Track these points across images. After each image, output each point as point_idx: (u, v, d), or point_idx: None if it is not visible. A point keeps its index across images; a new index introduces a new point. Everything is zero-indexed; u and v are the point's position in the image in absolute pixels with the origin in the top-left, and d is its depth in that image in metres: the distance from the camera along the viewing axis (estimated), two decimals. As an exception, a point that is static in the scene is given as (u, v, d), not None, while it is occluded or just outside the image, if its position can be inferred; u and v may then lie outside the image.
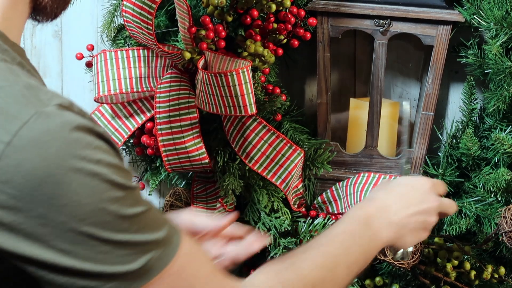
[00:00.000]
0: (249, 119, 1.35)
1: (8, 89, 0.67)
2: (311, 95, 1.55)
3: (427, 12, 1.36)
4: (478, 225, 1.41)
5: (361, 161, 1.45)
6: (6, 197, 0.65)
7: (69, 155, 0.66)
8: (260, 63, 1.31)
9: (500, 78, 1.35)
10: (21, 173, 0.65)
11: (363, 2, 1.37)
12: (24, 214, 0.65)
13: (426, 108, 1.42)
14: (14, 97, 0.67)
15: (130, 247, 0.69)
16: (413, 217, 0.98)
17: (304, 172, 1.43)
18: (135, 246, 0.70)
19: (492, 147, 1.38)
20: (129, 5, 1.23)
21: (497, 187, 1.36)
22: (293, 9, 1.32)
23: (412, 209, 0.98)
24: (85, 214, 0.67)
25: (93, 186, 0.67)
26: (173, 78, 1.34)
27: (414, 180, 1.03)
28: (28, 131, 0.65)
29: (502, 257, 1.43)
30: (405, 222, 0.97)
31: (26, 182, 0.65)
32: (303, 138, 1.41)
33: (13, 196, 0.65)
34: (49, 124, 0.66)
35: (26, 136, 0.65)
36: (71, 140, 0.66)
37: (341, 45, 1.52)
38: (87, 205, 0.67)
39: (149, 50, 1.37)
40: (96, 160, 0.67)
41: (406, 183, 1.02)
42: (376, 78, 1.41)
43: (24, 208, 0.65)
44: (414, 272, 1.40)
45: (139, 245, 0.70)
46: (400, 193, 1.00)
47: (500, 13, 1.32)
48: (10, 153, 0.65)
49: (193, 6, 1.35)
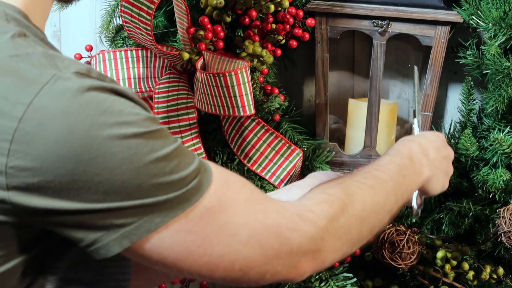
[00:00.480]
0: (247, 120, 1.35)
1: (25, 57, 0.68)
2: (310, 95, 1.55)
3: (426, 12, 1.36)
4: (476, 226, 1.41)
5: (360, 162, 1.45)
6: (31, 158, 0.65)
7: (90, 113, 0.66)
8: (259, 64, 1.31)
9: (498, 79, 1.35)
10: (43, 132, 0.65)
11: (362, 3, 1.37)
12: (51, 172, 0.65)
13: (424, 108, 1.42)
14: (31, 63, 0.68)
15: (166, 185, 0.69)
16: (443, 160, 1.03)
17: (302, 172, 1.43)
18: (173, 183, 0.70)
19: (490, 148, 1.38)
20: (128, 5, 1.23)
21: (495, 187, 1.36)
22: (292, 9, 1.32)
23: (441, 152, 1.03)
24: (115, 164, 0.67)
25: (120, 138, 0.67)
26: (171, 79, 1.34)
27: (433, 132, 1.08)
28: (47, 92, 0.66)
29: (501, 257, 1.43)
30: (438, 164, 1.01)
31: (49, 141, 0.65)
32: (301, 139, 1.41)
33: (38, 156, 0.65)
34: (68, 86, 0.67)
35: (46, 97, 0.66)
36: (90, 99, 0.67)
37: (339, 46, 1.52)
38: (116, 154, 0.67)
39: (148, 50, 1.37)
40: (118, 111, 0.68)
41: (428, 134, 1.06)
42: (375, 78, 1.41)
43: (51, 166, 0.65)
44: (413, 273, 1.40)
45: (176, 181, 0.70)
46: (428, 138, 1.03)
47: (498, 13, 1.32)
48: (30, 114, 0.65)
49: (192, 6, 1.35)
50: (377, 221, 0.87)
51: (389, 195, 0.89)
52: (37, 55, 0.69)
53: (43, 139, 0.65)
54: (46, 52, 0.70)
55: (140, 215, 0.69)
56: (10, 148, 0.65)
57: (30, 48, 0.69)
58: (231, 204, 0.74)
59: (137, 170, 0.68)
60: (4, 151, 0.65)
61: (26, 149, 0.65)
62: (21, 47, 0.69)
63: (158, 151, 0.69)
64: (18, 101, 0.65)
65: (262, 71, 1.35)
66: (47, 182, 0.66)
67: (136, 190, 0.68)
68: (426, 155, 0.99)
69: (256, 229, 0.74)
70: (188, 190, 0.71)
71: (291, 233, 0.75)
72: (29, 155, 0.65)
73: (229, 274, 0.74)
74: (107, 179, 0.67)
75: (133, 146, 0.68)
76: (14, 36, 0.70)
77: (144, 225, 0.69)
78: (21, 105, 0.65)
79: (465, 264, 1.38)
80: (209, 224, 0.72)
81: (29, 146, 0.65)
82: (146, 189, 0.68)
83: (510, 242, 1.32)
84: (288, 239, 0.75)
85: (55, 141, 0.65)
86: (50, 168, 0.65)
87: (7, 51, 0.68)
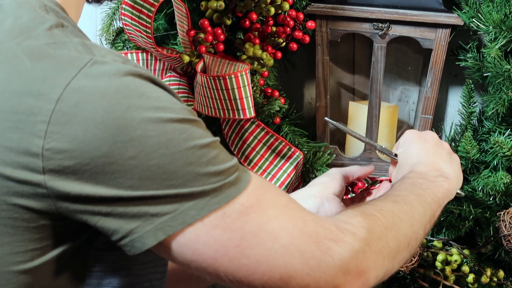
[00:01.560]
0: (247, 122, 1.35)
1: (62, 44, 0.69)
2: (310, 98, 1.55)
3: (426, 15, 1.36)
4: (477, 229, 1.41)
5: (360, 164, 1.45)
6: (68, 140, 0.65)
7: (127, 95, 0.66)
8: (259, 66, 1.31)
9: (499, 82, 1.34)
10: (80, 113, 0.65)
11: (362, 6, 1.37)
12: (87, 154, 0.65)
13: (425, 111, 1.42)
14: (68, 49, 0.68)
15: (203, 176, 0.68)
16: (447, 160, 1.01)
17: (303, 175, 1.43)
18: (209, 175, 0.69)
19: (491, 151, 1.38)
20: (128, 8, 1.23)
21: (496, 190, 1.36)
22: (292, 12, 1.32)
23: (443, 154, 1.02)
24: (151, 147, 0.66)
25: (156, 121, 0.67)
26: (172, 81, 1.34)
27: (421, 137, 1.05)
28: (84, 75, 0.66)
29: (501, 260, 1.43)
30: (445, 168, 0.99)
31: (86, 122, 0.65)
32: (302, 141, 1.41)
33: (74, 137, 0.65)
34: (105, 69, 0.67)
35: (83, 79, 0.66)
36: (127, 83, 0.67)
37: (340, 49, 1.52)
38: (153, 138, 0.66)
39: (148, 53, 1.37)
40: (155, 96, 0.68)
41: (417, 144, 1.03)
42: (375, 81, 1.41)
43: (87, 148, 0.65)
44: (413, 275, 1.40)
45: (213, 173, 0.69)
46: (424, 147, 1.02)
47: (499, 16, 1.32)
48: (68, 95, 0.65)
49: (192, 9, 1.35)
50: (411, 232, 0.85)
51: (414, 206, 0.88)
52: (74, 43, 0.69)
53: (80, 120, 0.65)
54: (83, 41, 0.71)
55: (175, 206, 0.68)
56: (47, 130, 0.65)
57: (67, 38, 0.70)
58: (270, 206, 0.72)
59: (172, 156, 0.67)
60: (41, 133, 0.65)
61: (63, 130, 0.65)
62: (58, 36, 0.70)
63: (196, 140, 0.69)
64: (55, 83, 0.66)
65: (262, 74, 1.35)
66: (83, 165, 0.66)
67: (171, 177, 0.67)
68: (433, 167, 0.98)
69: (296, 236, 0.71)
70: (225, 184, 0.70)
71: (331, 243, 0.72)
72: (66, 136, 0.65)
73: (268, 281, 0.71)
74: (142, 163, 0.66)
75: (169, 130, 0.67)
76: (52, 27, 0.71)
77: (179, 217, 0.68)
78: (59, 87, 0.65)
79: (466, 267, 1.38)
80: (248, 224, 0.70)
81: (66, 127, 0.65)
82: (181, 177, 0.67)
83: (510, 245, 1.32)
84: (329, 249, 0.72)
85: (92, 122, 0.65)
86: (87, 150, 0.65)
87: (45, 39, 0.69)
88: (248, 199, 0.71)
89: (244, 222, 0.70)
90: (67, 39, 0.70)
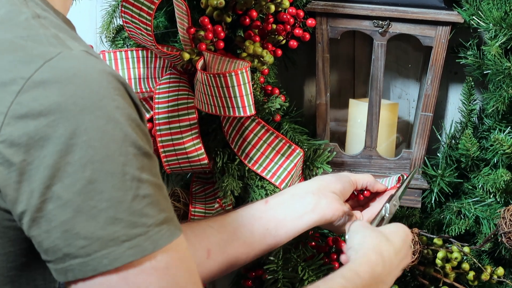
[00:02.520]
0: (247, 120, 1.35)
1: (34, 36, 0.68)
2: (310, 95, 1.55)
3: (426, 13, 1.36)
4: (477, 226, 1.41)
5: (360, 162, 1.45)
6: (19, 134, 0.64)
7: (86, 97, 0.64)
8: (259, 64, 1.31)
9: (499, 79, 1.34)
10: (37, 108, 0.64)
11: (362, 3, 1.37)
12: (34, 151, 0.64)
13: (425, 109, 1.42)
14: (40, 42, 0.67)
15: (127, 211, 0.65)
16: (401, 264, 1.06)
17: (303, 172, 1.43)
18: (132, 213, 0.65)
19: (491, 148, 1.38)
20: (128, 6, 1.23)
21: (496, 188, 1.36)
22: (292, 10, 1.32)
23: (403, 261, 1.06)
24: (87, 159, 0.64)
25: (104, 133, 0.65)
26: (172, 79, 1.34)
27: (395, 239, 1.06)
28: (49, 68, 0.65)
29: (501, 258, 1.43)
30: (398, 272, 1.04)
31: (40, 117, 0.64)
32: (302, 139, 1.41)
33: (25, 132, 0.64)
34: (71, 64, 0.66)
35: (47, 72, 0.65)
36: (91, 81, 0.65)
37: (340, 46, 1.52)
38: (93, 149, 0.64)
39: (148, 51, 1.37)
40: (115, 106, 0.66)
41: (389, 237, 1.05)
42: (375, 78, 1.41)
43: (37, 145, 0.64)
44: (413, 273, 1.40)
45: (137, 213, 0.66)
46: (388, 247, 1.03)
47: (499, 14, 1.32)
48: (28, 88, 0.64)
49: (192, 7, 1.35)
50: None
51: None
52: (47, 35, 0.68)
53: (35, 115, 0.64)
54: (57, 34, 0.69)
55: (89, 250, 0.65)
56: (4, 122, 0.64)
57: (42, 29, 0.69)
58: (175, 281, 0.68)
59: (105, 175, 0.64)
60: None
61: (17, 124, 0.64)
62: (34, 28, 0.69)
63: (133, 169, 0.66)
64: (19, 75, 0.65)
65: (262, 72, 1.35)
66: (28, 163, 0.64)
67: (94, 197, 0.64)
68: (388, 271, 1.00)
69: None
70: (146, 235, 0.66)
71: None
72: (18, 130, 0.64)
73: None
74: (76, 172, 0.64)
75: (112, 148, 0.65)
76: (28, 19, 0.70)
77: (91, 263, 0.65)
78: (21, 79, 0.65)
79: (466, 265, 1.38)
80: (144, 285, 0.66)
81: (20, 121, 0.64)
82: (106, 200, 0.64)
83: (510, 243, 1.32)
84: None
85: (44, 119, 0.64)
86: (33, 147, 0.64)
87: (19, 31, 0.68)
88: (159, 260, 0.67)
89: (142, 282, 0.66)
90: (42, 31, 0.69)
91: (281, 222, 1.11)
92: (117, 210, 0.65)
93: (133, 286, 0.66)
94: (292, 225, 1.10)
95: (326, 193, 1.10)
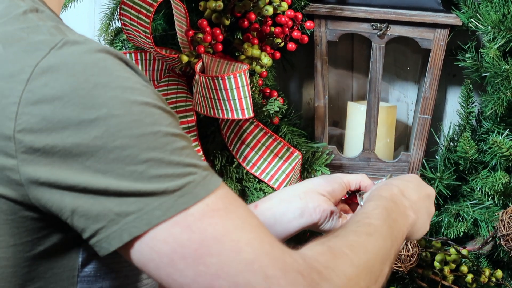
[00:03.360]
0: (246, 122, 1.35)
1: (35, 28, 0.68)
2: (309, 98, 1.55)
3: (425, 15, 1.36)
4: (475, 229, 1.41)
5: (359, 165, 1.45)
6: (37, 120, 0.64)
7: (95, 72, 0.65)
8: (258, 67, 1.31)
9: (497, 82, 1.35)
10: (49, 92, 0.64)
11: (361, 6, 1.38)
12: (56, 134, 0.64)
13: (423, 111, 1.42)
14: (41, 32, 0.68)
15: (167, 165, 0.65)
16: (425, 200, 0.98)
17: (302, 175, 1.43)
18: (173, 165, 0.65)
19: (489, 151, 1.38)
20: (127, 8, 1.23)
21: (494, 190, 1.36)
22: (291, 12, 1.32)
23: (422, 192, 0.99)
24: (115, 127, 0.64)
25: (123, 102, 0.65)
26: (170, 82, 1.34)
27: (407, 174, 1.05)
28: (55, 54, 0.65)
29: (500, 260, 1.43)
30: (420, 205, 0.97)
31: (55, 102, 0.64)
32: (300, 142, 1.41)
33: (43, 117, 0.64)
34: (76, 48, 0.66)
35: (53, 58, 0.65)
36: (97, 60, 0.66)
37: (338, 49, 1.52)
38: (117, 117, 0.64)
39: (147, 53, 1.37)
40: (125, 77, 0.66)
41: (404, 176, 1.02)
42: (374, 81, 1.41)
43: (56, 127, 0.64)
44: (412, 275, 1.40)
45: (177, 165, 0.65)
46: (405, 180, 1.00)
47: (497, 16, 1.33)
48: (36, 76, 0.65)
49: (191, 9, 1.35)
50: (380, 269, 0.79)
51: (386, 241, 0.83)
52: (47, 26, 0.69)
53: (49, 99, 0.64)
54: (57, 25, 0.70)
55: (140, 205, 0.64)
56: (18, 111, 0.64)
57: (41, 21, 0.70)
58: (238, 218, 0.66)
59: (136, 138, 0.64)
60: (13, 115, 0.64)
61: (33, 111, 0.64)
62: (32, 20, 0.70)
63: (162, 126, 0.66)
64: (26, 63, 0.65)
65: (261, 74, 1.35)
66: (52, 146, 0.64)
67: (134, 161, 0.64)
68: (407, 197, 0.94)
69: (261, 255, 0.65)
70: (192, 181, 0.65)
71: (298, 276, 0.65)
72: (35, 116, 0.64)
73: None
74: (107, 143, 0.64)
75: (135, 112, 0.65)
76: (26, 12, 0.70)
77: (145, 218, 0.64)
78: (29, 67, 0.65)
79: (464, 267, 1.38)
80: (211, 227, 0.64)
81: (35, 108, 0.64)
82: (144, 162, 0.64)
83: (508, 245, 1.32)
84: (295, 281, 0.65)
85: (59, 101, 0.64)
86: (55, 130, 0.64)
87: (18, 24, 0.69)
88: (216, 202, 0.66)
89: (207, 225, 0.65)
90: (41, 23, 0.69)
91: (271, 228, 1.10)
92: (159, 167, 0.65)
93: (199, 232, 0.64)
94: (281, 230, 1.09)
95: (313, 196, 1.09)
